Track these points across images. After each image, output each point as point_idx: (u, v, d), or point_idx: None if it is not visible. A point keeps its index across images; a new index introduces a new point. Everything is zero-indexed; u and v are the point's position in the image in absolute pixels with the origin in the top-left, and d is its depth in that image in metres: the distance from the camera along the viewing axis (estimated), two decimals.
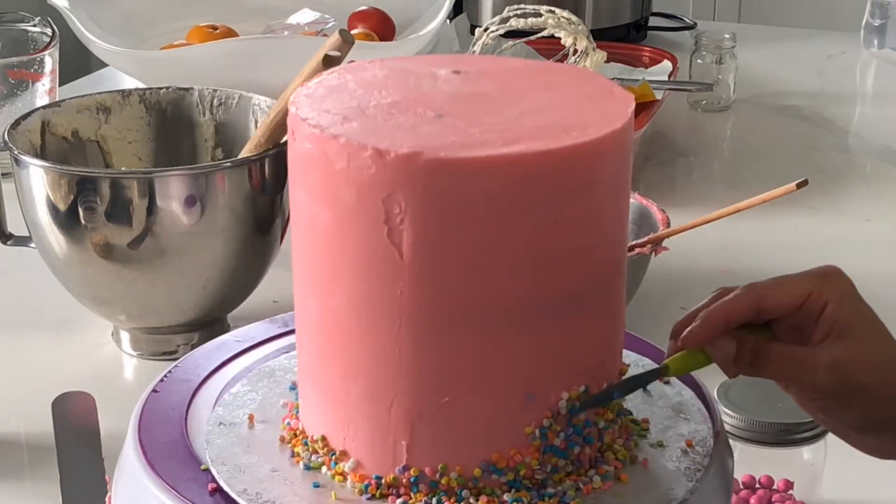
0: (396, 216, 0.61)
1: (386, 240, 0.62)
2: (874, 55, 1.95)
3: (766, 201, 0.97)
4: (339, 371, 0.66)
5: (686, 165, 1.58)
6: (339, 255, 0.64)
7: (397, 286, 0.63)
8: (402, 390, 0.64)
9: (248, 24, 1.74)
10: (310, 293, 0.67)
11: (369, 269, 0.63)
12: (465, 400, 0.64)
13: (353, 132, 0.62)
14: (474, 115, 0.64)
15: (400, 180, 0.61)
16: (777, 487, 0.89)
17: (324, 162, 0.63)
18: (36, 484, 0.93)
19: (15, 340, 1.14)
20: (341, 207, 0.63)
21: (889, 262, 1.30)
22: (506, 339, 0.63)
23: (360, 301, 0.64)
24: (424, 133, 0.63)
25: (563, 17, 1.41)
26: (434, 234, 0.62)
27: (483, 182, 0.60)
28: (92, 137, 1.14)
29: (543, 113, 0.65)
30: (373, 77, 0.69)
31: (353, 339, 0.65)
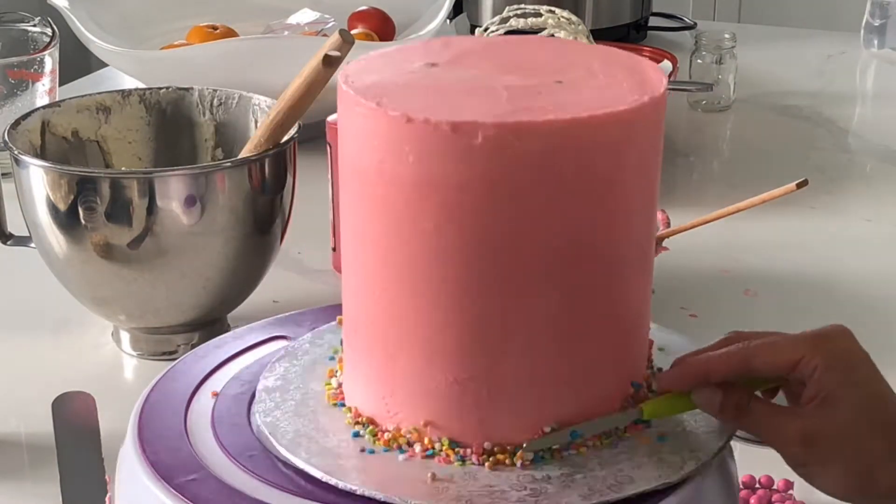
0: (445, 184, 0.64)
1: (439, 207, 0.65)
2: (874, 55, 1.95)
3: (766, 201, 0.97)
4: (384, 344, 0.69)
5: (686, 165, 1.58)
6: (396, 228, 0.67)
7: (443, 255, 0.65)
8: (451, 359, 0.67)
9: (248, 24, 1.74)
10: (357, 265, 0.69)
11: (418, 242, 0.66)
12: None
13: (398, 102, 0.65)
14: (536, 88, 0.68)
15: (448, 149, 0.63)
16: (777, 487, 0.89)
17: (377, 132, 0.65)
18: (36, 484, 0.93)
19: (15, 340, 1.14)
20: (392, 179, 0.65)
21: (889, 262, 1.30)
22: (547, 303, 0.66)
23: (415, 272, 0.67)
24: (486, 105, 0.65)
25: (563, 17, 1.41)
26: (486, 202, 0.64)
27: (530, 146, 0.63)
28: (92, 137, 1.14)
29: (584, 85, 0.68)
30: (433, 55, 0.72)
31: (399, 309, 0.68)
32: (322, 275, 1.22)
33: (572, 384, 0.68)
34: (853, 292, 1.23)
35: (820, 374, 0.67)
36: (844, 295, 1.22)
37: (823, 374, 0.67)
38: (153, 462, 0.69)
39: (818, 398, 0.67)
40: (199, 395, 0.77)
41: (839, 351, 0.68)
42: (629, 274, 0.69)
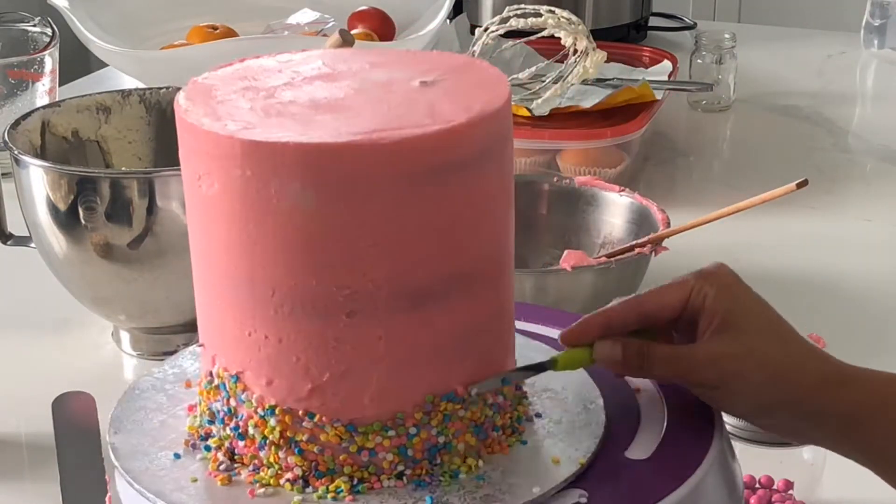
0: (272, 200, 0.61)
1: (260, 224, 0.62)
2: (874, 55, 1.95)
3: (766, 201, 0.97)
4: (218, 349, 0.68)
5: (686, 165, 1.58)
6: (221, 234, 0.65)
7: (275, 272, 0.63)
8: (280, 375, 0.65)
9: (248, 24, 1.74)
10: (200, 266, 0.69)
11: (244, 253, 0.64)
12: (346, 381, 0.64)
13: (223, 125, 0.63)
14: (349, 107, 0.64)
15: (270, 166, 0.61)
16: (777, 487, 0.89)
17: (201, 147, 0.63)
18: (36, 484, 0.93)
19: (15, 340, 1.14)
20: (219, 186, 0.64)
21: (889, 262, 1.30)
22: (377, 327, 0.63)
23: (238, 284, 0.65)
24: (300, 124, 0.63)
25: (563, 17, 1.41)
26: (307, 218, 0.61)
27: (347, 166, 0.60)
28: (92, 137, 1.14)
29: (415, 101, 0.64)
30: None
31: (229, 324, 0.67)
32: None
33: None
34: (853, 292, 1.23)
35: (711, 302, 0.69)
36: (844, 295, 1.22)
37: (714, 302, 0.70)
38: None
39: (714, 324, 0.69)
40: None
41: (724, 280, 0.71)
42: (470, 297, 0.65)
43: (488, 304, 0.66)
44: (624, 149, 1.40)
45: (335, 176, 0.60)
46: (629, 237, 1.14)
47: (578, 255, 1.08)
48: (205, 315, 0.68)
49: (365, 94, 0.66)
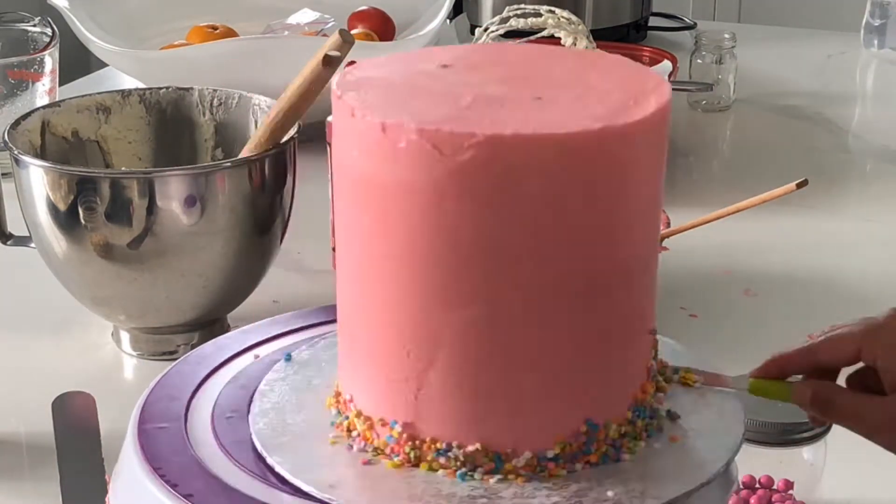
0: (437, 195, 0.63)
1: (430, 220, 0.64)
2: (874, 55, 1.95)
3: (766, 201, 0.98)
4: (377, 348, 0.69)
5: (686, 165, 1.58)
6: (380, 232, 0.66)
7: (439, 267, 0.64)
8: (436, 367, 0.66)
9: (248, 24, 1.74)
10: (351, 267, 0.69)
11: (358, 238, 0.66)
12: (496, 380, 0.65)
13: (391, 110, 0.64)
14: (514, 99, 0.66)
15: (441, 162, 0.62)
16: (777, 487, 0.89)
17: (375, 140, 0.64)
18: (36, 484, 0.93)
19: (15, 340, 1.14)
20: (343, 172, 0.65)
21: (889, 262, 1.30)
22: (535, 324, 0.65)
23: (358, 268, 0.67)
24: (464, 114, 0.64)
25: (563, 17, 1.41)
26: (472, 215, 0.63)
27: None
28: (92, 137, 1.14)
29: (582, 97, 0.67)
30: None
31: (353, 304, 0.68)
32: (322, 275, 1.22)
33: (502, 406, 0.66)
34: (853, 292, 1.23)
35: (883, 363, 0.70)
36: (844, 295, 1.22)
37: (886, 362, 0.70)
38: (153, 462, 0.69)
39: (889, 383, 0.70)
40: (199, 395, 0.77)
41: (891, 338, 0.71)
42: (578, 305, 0.66)
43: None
44: None
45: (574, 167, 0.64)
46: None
47: None
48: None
49: (527, 89, 0.68)
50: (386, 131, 0.62)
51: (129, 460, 0.71)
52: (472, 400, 0.66)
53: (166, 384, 0.78)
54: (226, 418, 0.74)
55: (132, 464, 0.70)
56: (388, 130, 0.62)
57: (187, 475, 0.68)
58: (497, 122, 0.63)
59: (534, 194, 0.63)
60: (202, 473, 0.69)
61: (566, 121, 0.63)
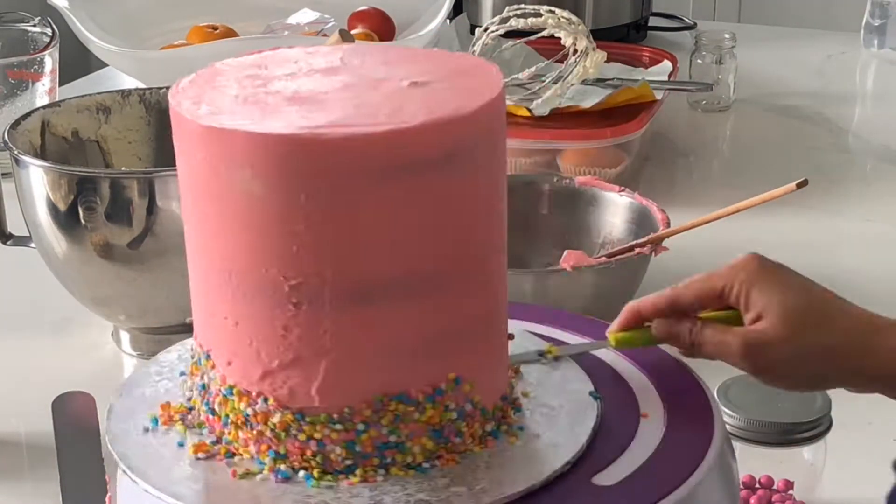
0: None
1: (216, 207, 0.64)
2: (874, 55, 1.95)
3: (766, 201, 0.97)
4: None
5: (686, 165, 1.58)
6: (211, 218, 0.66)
7: (230, 255, 0.64)
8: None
9: (248, 24, 1.74)
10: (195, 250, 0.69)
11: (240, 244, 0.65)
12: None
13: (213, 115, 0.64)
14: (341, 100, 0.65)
15: (253, 157, 0.62)
16: (777, 487, 0.89)
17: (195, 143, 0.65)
18: (36, 484, 0.93)
19: (15, 340, 1.14)
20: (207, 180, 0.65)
21: (889, 262, 1.30)
22: (324, 320, 0.64)
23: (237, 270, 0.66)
24: (289, 116, 0.64)
25: (563, 17, 1.41)
26: (255, 206, 0.63)
27: (329, 159, 0.61)
28: (92, 137, 1.14)
29: (390, 100, 0.65)
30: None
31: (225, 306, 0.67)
32: None
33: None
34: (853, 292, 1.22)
35: (745, 299, 0.73)
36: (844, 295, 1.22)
37: (747, 297, 0.73)
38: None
39: (752, 315, 0.73)
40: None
41: (753, 271, 0.74)
42: (457, 293, 0.66)
43: (454, 309, 0.66)
44: (624, 149, 1.40)
45: (281, 166, 0.61)
46: (629, 237, 1.14)
47: (578, 255, 1.08)
48: (191, 292, 0.69)
49: (350, 90, 0.66)
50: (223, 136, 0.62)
51: None
52: None
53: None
54: None
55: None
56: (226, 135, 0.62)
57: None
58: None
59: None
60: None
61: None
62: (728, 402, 0.86)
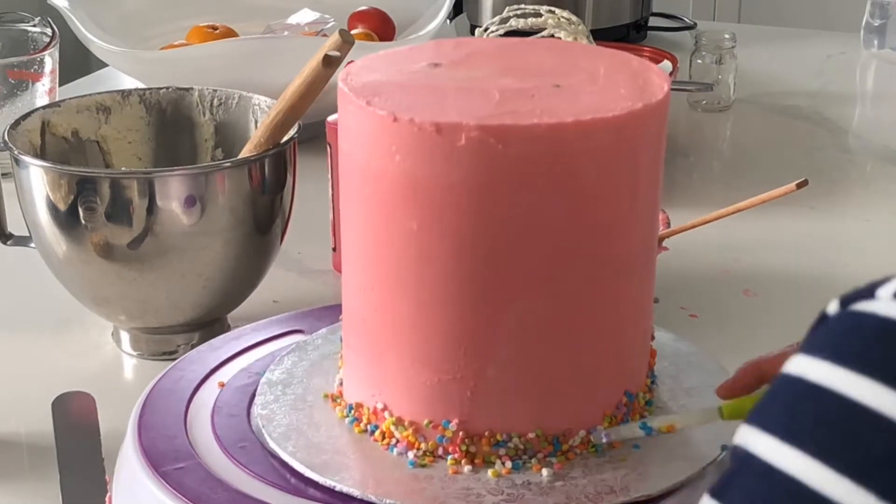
0: (432, 185, 0.64)
1: (423, 210, 0.65)
2: (874, 55, 1.95)
3: (766, 201, 0.97)
4: (380, 340, 0.69)
5: (686, 165, 1.58)
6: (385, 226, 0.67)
7: (426, 255, 0.65)
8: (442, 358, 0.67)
9: (248, 24, 1.74)
10: (351, 262, 0.69)
11: (403, 241, 0.66)
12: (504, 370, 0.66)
13: (392, 102, 0.66)
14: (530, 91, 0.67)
15: (435, 147, 0.64)
16: None
17: (366, 130, 0.65)
18: (36, 484, 0.93)
19: (15, 340, 1.14)
20: (379, 177, 0.65)
21: (889, 262, 1.30)
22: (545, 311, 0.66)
23: (399, 271, 0.67)
24: (470, 108, 0.65)
25: (563, 17, 1.41)
26: (471, 204, 0.64)
27: (514, 149, 0.63)
28: (92, 137, 1.14)
29: (581, 89, 0.68)
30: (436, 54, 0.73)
31: (386, 307, 0.68)
32: (322, 275, 1.22)
33: (559, 391, 0.68)
34: None
35: None
36: None
37: None
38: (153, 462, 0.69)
39: None
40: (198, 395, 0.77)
41: None
42: (621, 281, 0.68)
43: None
44: None
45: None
46: None
47: None
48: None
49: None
50: (441, 132, 0.62)
51: (129, 460, 0.71)
52: (529, 389, 0.67)
53: (166, 384, 0.78)
54: (226, 418, 0.75)
55: (132, 464, 0.70)
56: (444, 131, 0.62)
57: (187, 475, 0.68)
58: (547, 111, 0.63)
59: (589, 179, 0.64)
60: (191, 463, 0.69)
61: (603, 104, 0.64)
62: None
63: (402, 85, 0.68)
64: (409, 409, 0.68)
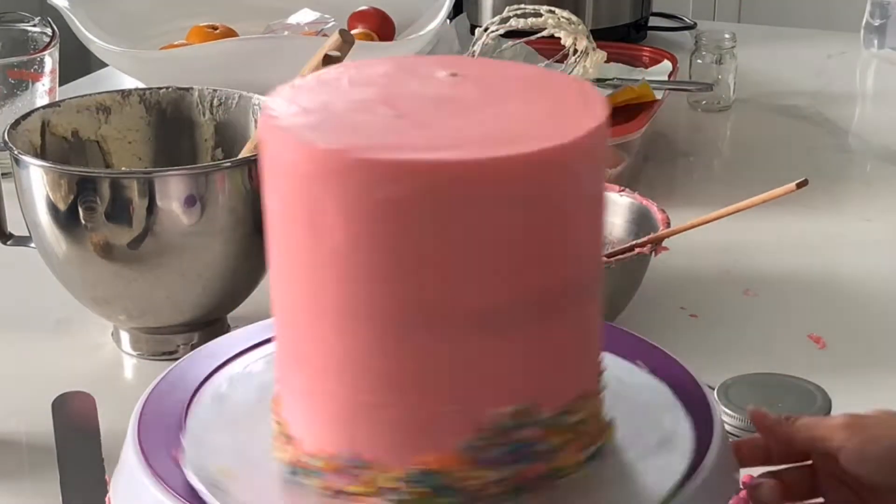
0: (322, 212, 0.61)
1: (315, 236, 0.62)
2: (874, 55, 1.95)
3: (766, 201, 0.98)
4: (292, 363, 0.67)
5: (686, 165, 1.58)
6: (283, 246, 0.65)
7: (327, 283, 0.63)
8: (342, 385, 0.64)
9: (248, 24, 1.74)
10: (273, 283, 0.68)
11: (304, 264, 0.64)
12: (397, 403, 0.64)
13: (298, 126, 0.62)
14: (435, 118, 0.63)
15: (324, 176, 0.61)
16: None
17: (272, 154, 0.63)
18: (36, 484, 0.93)
19: (15, 340, 1.14)
20: (282, 200, 0.63)
21: (889, 262, 1.30)
22: (431, 345, 0.62)
23: (301, 295, 0.65)
24: (366, 132, 0.62)
25: (563, 17, 1.41)
26: (357, 235, 0.61)
27: (394, 186, 0.59)
28: (92, 137, 1.14)
29: (504, 121, 0.63)
30: (366, 75, 0.69)
31: (296, 332, 0.66)
32: None
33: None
34: (853, 292, 1.23)
35: (872, 476, 0.70)
36: (844, 295, 1.22)
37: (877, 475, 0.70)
38: (153, 462, 0.69)
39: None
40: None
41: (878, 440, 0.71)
42: (556, 315, 0.64)
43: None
44: (624, 149, 1.40)
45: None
46: (629, 237, 1.14)
47: None
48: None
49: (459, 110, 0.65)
50: (323, 157, 0.60)
51: (129, 460, 0.71)
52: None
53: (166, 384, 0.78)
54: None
55: (132, 464, 0.70)
56: (325, 155, 0.60)
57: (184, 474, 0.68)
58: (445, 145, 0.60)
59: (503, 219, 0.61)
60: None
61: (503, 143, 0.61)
62: (728, 402, 0.86)
63: (323, 106, 0.66)
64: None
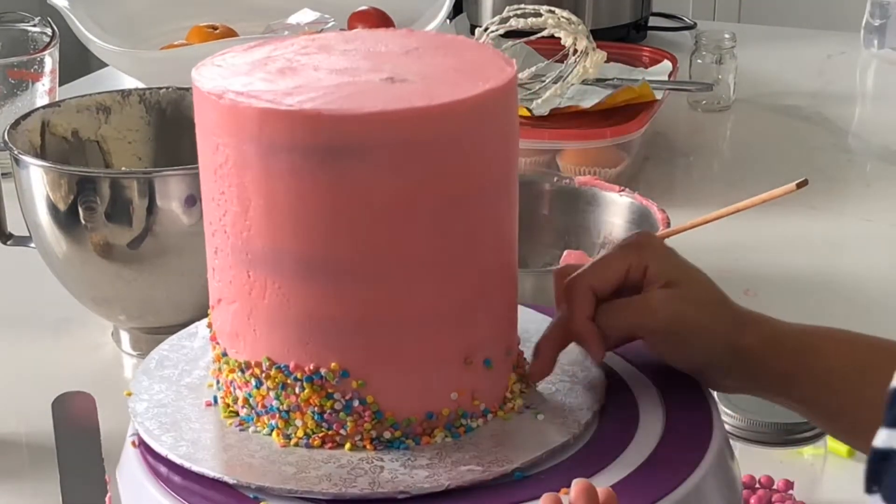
0: (226, 160, 0.73)
1: (223, 185, 0.74)
2: (874, 55, 1.95)
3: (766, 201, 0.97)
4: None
5: (686, 165, 1.58)
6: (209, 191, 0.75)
7: (239, 229, 0.73)
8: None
9: (248, 24, 1.74)
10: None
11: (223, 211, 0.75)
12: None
13: (219, 80, 0.75)
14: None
15: (226, 125, 0.73)
16: (777, 487, 0.89)
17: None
18: (36, 484, 0.93)
19: (15, 340, 1.14)
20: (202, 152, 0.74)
21: (889, 262, 1.30)
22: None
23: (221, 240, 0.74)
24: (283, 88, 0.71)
25: (563, 17, 1.41)
26: (260, 184, 0.70)
27: (292, 134, 0.69)
28: (92, 137, 1.14)
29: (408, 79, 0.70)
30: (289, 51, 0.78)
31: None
32: None
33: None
34: (853, 292, 1.23)
35: (654, 268, 0.73)
36: (844, 295, 1.22)
37: (658, 265, 0.73)
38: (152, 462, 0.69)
39: (659, 284, 0.73)
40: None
41: (659, 249, 0.75)
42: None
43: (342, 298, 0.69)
44: (624, 149, 1.40)
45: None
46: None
47: (578, 255, 1.08)
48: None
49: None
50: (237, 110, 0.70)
51: (129, 460, 0.71)
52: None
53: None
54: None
55: (132, 464, 0.70)
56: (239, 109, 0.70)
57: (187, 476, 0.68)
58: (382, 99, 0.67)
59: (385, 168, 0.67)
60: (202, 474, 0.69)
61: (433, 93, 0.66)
62: (728, 402, 0.86)
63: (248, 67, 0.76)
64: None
